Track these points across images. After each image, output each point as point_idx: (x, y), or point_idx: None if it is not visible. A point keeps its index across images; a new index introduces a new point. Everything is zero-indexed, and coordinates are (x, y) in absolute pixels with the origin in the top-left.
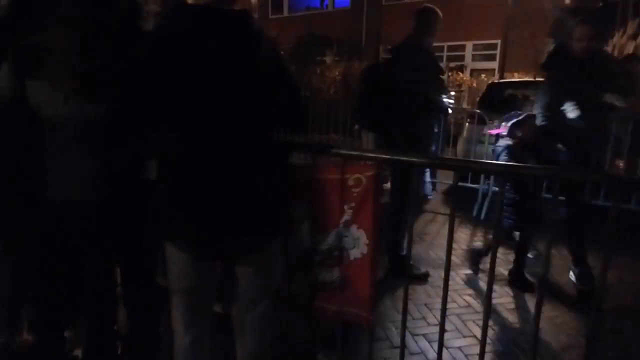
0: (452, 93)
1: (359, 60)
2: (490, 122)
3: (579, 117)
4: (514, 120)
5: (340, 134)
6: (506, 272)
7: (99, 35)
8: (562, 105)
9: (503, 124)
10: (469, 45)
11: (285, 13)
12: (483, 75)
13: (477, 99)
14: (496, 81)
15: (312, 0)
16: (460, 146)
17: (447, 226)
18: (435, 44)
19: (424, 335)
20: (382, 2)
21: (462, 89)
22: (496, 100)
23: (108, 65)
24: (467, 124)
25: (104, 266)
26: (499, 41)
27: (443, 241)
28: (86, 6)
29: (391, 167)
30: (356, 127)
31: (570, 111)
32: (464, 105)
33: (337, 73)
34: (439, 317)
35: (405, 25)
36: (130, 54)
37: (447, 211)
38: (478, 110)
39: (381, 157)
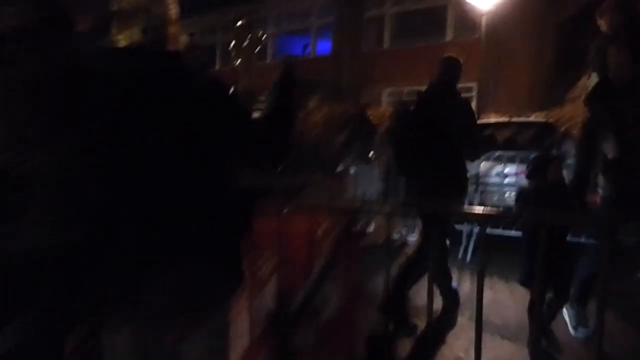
0: None
1: (339, 104)
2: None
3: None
4: (536, 160)
5: (326, 176)
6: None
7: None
8: (606, 142)
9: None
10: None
11: (269, 60)
12: None
13: None
14: None
15: (295, 48)
16: None
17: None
18: (415, 88)
19: None
20: (360, 49)
21: None
22: None
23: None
24: None
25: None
26: (473, 84)
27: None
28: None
29: (421, 218)
30: (340, 167)
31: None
32: None
33: (319, 116)
34: None
35: (385, 70)
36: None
37: None
38: None
39: (354, 207)
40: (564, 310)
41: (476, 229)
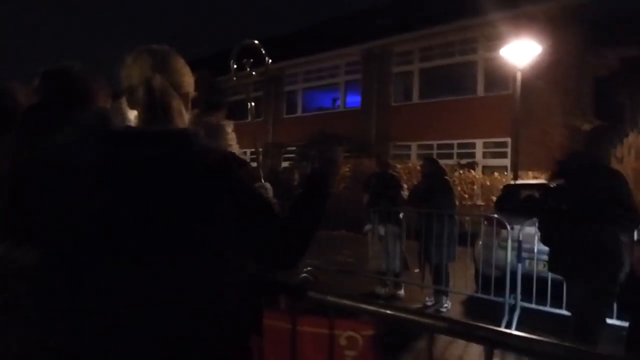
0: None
1: (368, 157)
2: (511, 227)
3: None
4: None
5: (350, 231)
6: None
7: None
8: None
9: None
10: (479, 142)
11: (299, 113)
12: (496, 174)
13: (494, 199)
14: (512, 182)
15: (325, 101)
16: (478, 250)
17: (472, 350)
18: (445, 141)
19: None
20: (390, 103)
21: (474, 186)
22: (513, 203)
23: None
24: (483, 226)
25: None
26: (508, 139)
27: None
28: None
29: None
30: (367, 227)
31: None
32: (478, 202)
33: (347, 169)
34: None
35: (414, 124)
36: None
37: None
38: (496, 215)
39: (382, 313)
40: None
41: (521, 302)
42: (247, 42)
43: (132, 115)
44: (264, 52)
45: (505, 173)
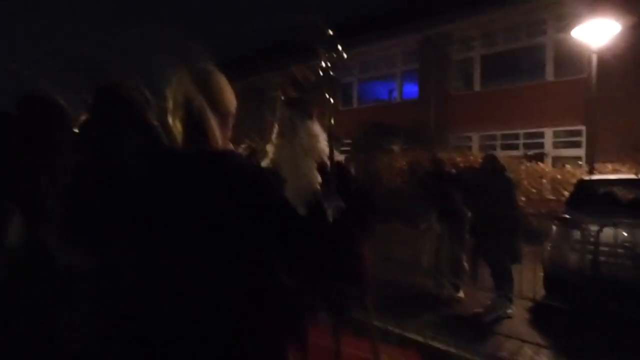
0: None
1: (427, 150)
2: (585, 227)
3: None
4: None
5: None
6: None
7: None
8: None
9: None
10: (549, 131)
11: (355, 105)
12: (568, 166)
13: (566, 196)
14: (587, 178)
15: (381, 92)
16: (548, 252)
17: None
18: (509, 131)
19: None
20: (449, 92)
21: (543, 180)
22: (589, 201)
23: None
24: (554, 227)
25: None
26: (582, 127)
27: None
28: None
29: None
30: (423, 224)
31: None
32: (548, 197)
33: (403, 162)
34: None
35: (475, 114)
36: None
37: (539, 339)
38: (569, 213)
39: (431, 346)
40: None
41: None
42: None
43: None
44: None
45: (580, 163)
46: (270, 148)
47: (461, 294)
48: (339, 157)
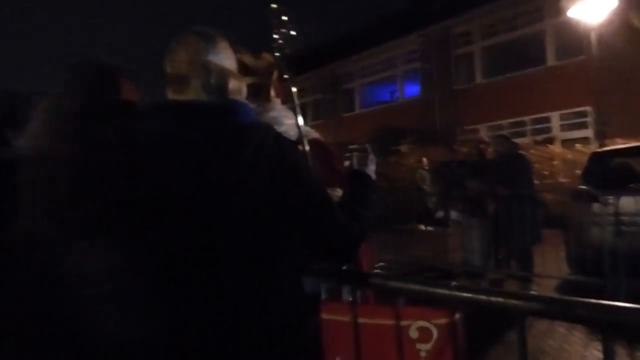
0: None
1: (434, 146)
2: (603, 199)
3: None
4: None
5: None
6: None
7: None
8: None
9: None
10: (555, 115)
11: (357, 110)
12: (578, 145)
13: (579, 172)
14: (599, 150)
15: (382, 94)
16: (569, 231)
17: (574, 339)
18: (516, 119)
19: None
20: (453, 87)
21: (554, 162)
22: (604, 173)
23: None
24: (572, 203)
25: None
26: (588, 108)
27: None
28: None
29: None
30: (439, 213)
31: None
32: (561, 179)
33: (412, 160)
34: None
35: (480, 105)
36: None
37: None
38: (584, 187)
39: (459, 296)
40: None
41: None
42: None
43: None
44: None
45: (588, 144)
46: None
47: (485, 284)
48: (314, 134)
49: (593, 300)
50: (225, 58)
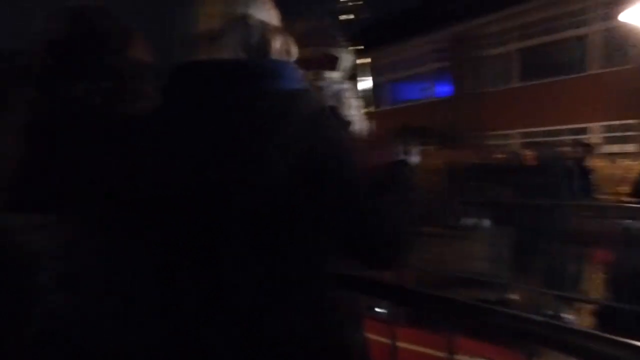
0: None
1: (460, 148)
2: None
3: None
4: None
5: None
6: None
7: None
8: None
9: None
10: (595, 127)
11: (387, 106)
12: (621, 160)
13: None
14: None
15: (412, 92)
16: (611, 250)
17: None
18: (551, 128)
19: None
20: (484, 89)
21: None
22: None
23: None
24: (614, 221)
25: None
26: (635, 121)
27: None
28: None
29: None
30: (463, 221)
31: None
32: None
33: (438, 162)
34: None
35: (513, 110)
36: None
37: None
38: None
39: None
40: None
41: None
42: None
43: None
44: None
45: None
46: None
47: (513, 296)
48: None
49: None
50: (267, 12)
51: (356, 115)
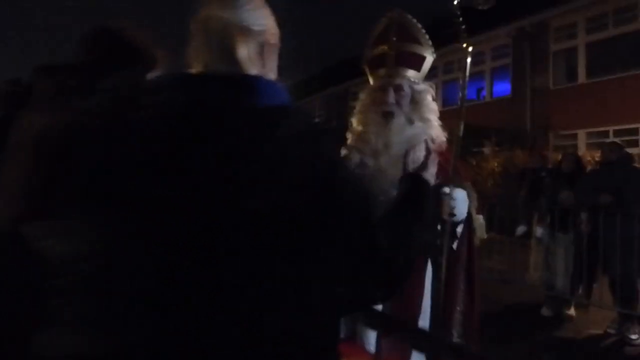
0: None
1: (522, 149)
2: None
3: None
4: None
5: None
6: None
7: None
8: None
9: None
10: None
11: (440, 107)
12: None
13: None
14: None
15: (468, 92)
16: None
17: None
18: (625, 126)
19: None
20: (548, 87)
21: None
22: None
23: None
24: None
25: None
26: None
27: None
28: None
29: None
30: (520, 229)
31: None
32: None
33: (496, 164)
34: None
35: (580, 108)
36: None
37: None
38: None
39: None
40: None
41: None
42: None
43: None
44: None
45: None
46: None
47: (571, 312)
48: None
49: None
50: (248, 16)
51: (433, 118)
